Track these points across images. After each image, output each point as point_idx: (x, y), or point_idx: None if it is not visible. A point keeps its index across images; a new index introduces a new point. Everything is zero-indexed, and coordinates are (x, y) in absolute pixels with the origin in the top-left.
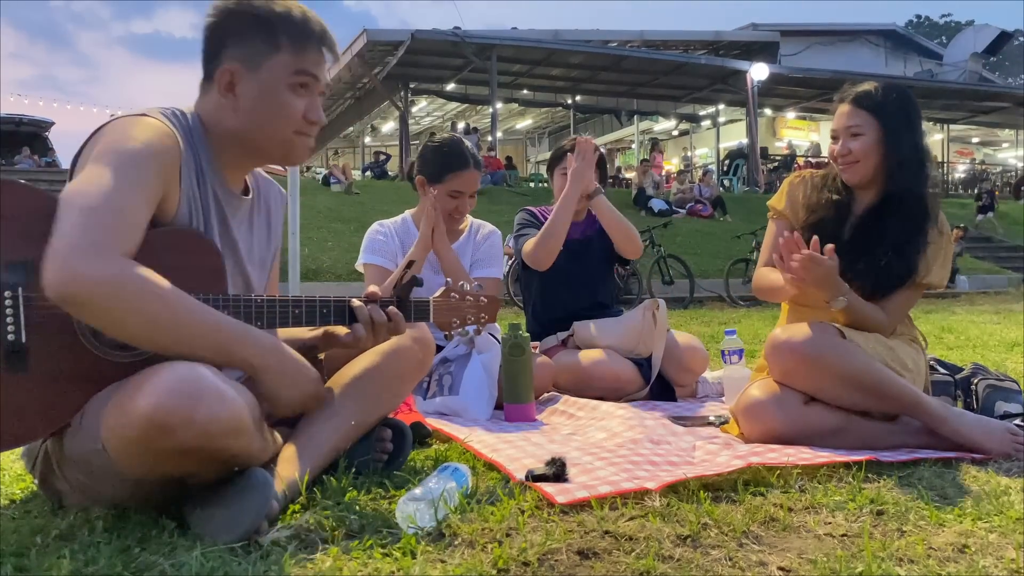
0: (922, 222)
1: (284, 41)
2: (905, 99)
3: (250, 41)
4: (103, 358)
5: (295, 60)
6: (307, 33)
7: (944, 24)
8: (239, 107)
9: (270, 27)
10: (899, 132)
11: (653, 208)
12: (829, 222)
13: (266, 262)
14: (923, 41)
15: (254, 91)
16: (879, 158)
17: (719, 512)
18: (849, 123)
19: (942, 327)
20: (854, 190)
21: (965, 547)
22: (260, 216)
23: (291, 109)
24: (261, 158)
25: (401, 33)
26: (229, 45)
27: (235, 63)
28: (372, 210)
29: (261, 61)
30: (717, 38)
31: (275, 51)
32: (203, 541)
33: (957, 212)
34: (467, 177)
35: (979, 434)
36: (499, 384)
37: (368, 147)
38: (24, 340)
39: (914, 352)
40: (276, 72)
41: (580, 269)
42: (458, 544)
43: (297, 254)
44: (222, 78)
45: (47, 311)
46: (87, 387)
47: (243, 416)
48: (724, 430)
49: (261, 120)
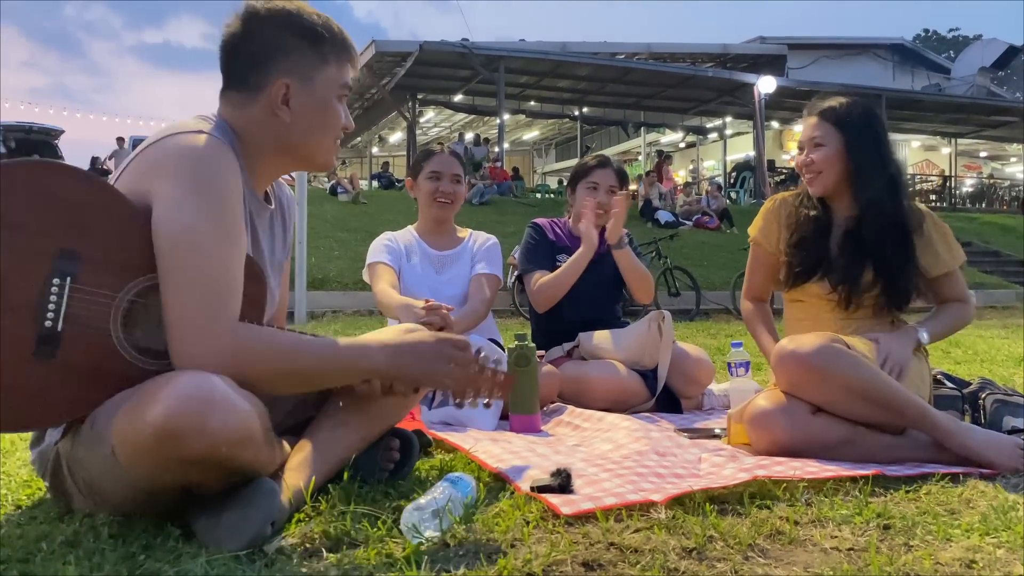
0: (904, 234)
1: (330, 54)
2: (868, 112)
3: (302, 54)
4: (131, 362)
5: (340, 73)
6: (346, 46)
7: (952, 38)
8: (293, 120)
9: (319, 40)
10: (860, 143)
11: (659, 220)
12: (811, 238)
13: (283, 263)
14: (931, 55)
15: (309, 104)
16: (842, 168)
17: (725, 525)
18: (813, 134)
19: (949, 341)
20: (829, 203)
21: (972, 562)
22: (278, 221)
23: (339, 119)
24: (300, 165)
25: (409, 44)
26: (279, 57)
27: (288, 76)
28: (379, 220)
29: (313, 75)
30: (725, 51)
31: (325, 64)
32: (208, 548)
33: (965, 226)
34: (439, 159)
35: (987, 449)
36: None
37: (376, 157)
38: (60, 328)
39: (916, 361)
40: (328, 85)
41: (587, 285)
42: (462, 554)
43: (304, 263)
44: (277, 91)
45: (88, 305)
46: (109, 386)
47: (253, 426)
48: (726, 440)
49: (315, 131)
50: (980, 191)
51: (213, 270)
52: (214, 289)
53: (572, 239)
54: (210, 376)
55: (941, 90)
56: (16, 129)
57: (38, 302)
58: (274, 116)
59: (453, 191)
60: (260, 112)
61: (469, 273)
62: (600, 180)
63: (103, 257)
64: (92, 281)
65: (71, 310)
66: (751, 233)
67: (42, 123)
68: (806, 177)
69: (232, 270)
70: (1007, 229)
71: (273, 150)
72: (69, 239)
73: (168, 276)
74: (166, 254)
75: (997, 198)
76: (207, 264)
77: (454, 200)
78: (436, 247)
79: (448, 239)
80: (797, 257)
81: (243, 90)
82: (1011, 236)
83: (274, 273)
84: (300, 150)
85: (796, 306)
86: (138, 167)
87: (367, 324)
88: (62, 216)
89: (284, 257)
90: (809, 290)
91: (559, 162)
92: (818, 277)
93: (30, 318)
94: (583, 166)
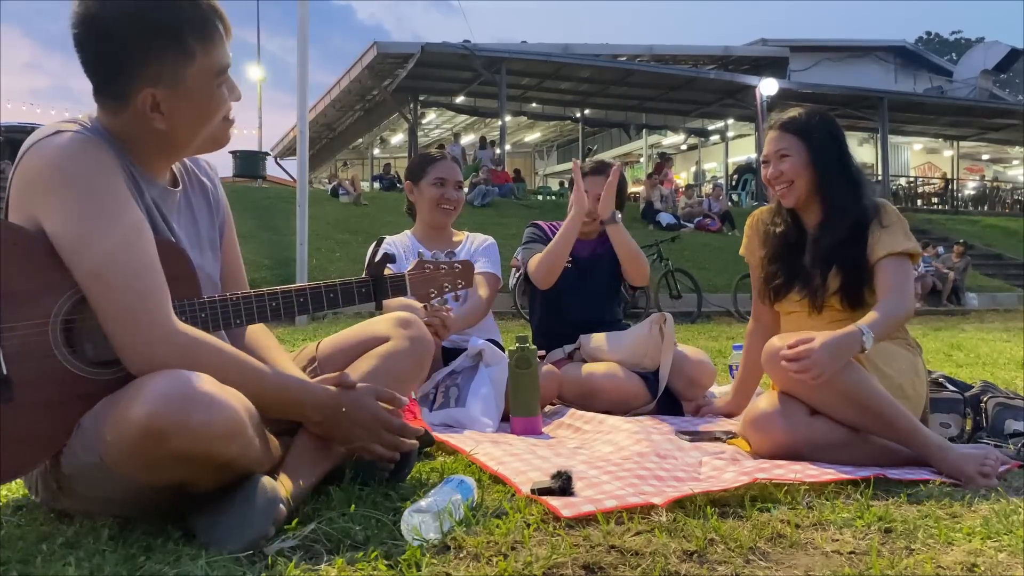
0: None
1: (194, 44)
2: (828, 122)
3: (161, 58)
4: (87, 377)
5: (211, 60)
6: (208, 23)
7: (954, 41)
8: (170, 123)
9: (176, 35)
10: (824, 151)
11: (661, 222)
12: (782, 254)
13: (215, 241)
14: (933, 58)
15: (183, 104)
16: (810, 177)
17: (726, 528)
18: (777, 147)
19: (951, 344)
20: (800, 215)
21: (974, 566)
22: (196, 197)
23: (221, 104)
24: (190, 152)
25: (411, 46)
26: (134, 66)
27: (152, 84)
28: (380, 221)
29: (180, 74)
30: (727, 53)
31: (190, 60)
32: (208, 550)
33: (967, 229)
34: (444, 166)
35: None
36: (506, 397)
37: (377, 159)
38: (5, 371)
39: (911, 355)
40: (201, 79)
41: (588, 286)
42: (463, 557)
43: (305, 264)
44: (144, 103)
45: (25, 340)
46: (76, 408)
47: (238, 420)
48: (731, 443)
49: (195, 124)
50: (982, 194)
51: (123, 266)
52: (134, 285)
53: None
54: (190, 374)
55: (943, 93)
56: (16, 130)
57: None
58: (149, 122)
59: (457, 198)
60: (133, 119)
61: None
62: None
63: (18, 290)
64: (17, 316)
65: (9, 350)
66: (742, 253)
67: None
68: (778, 190)
69: (145, 263)
70: (1009, 232)
71: (157, 147)
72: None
73: (88, 288)
74: (76, 269)
75: (999, 201)
76: (115, 264)
77: (457, 207)
78: (432, 249)
79: (445, 242)
80: (770, 273)
81: (108, 97)
82: (1013, 239)
83: (207, 250)
84: (185, 140)
85: (785, 319)
86: (17, 189)
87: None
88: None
89: (215, 229)
90: (790, 302)
91: (560, 164)
92: (796, 291)
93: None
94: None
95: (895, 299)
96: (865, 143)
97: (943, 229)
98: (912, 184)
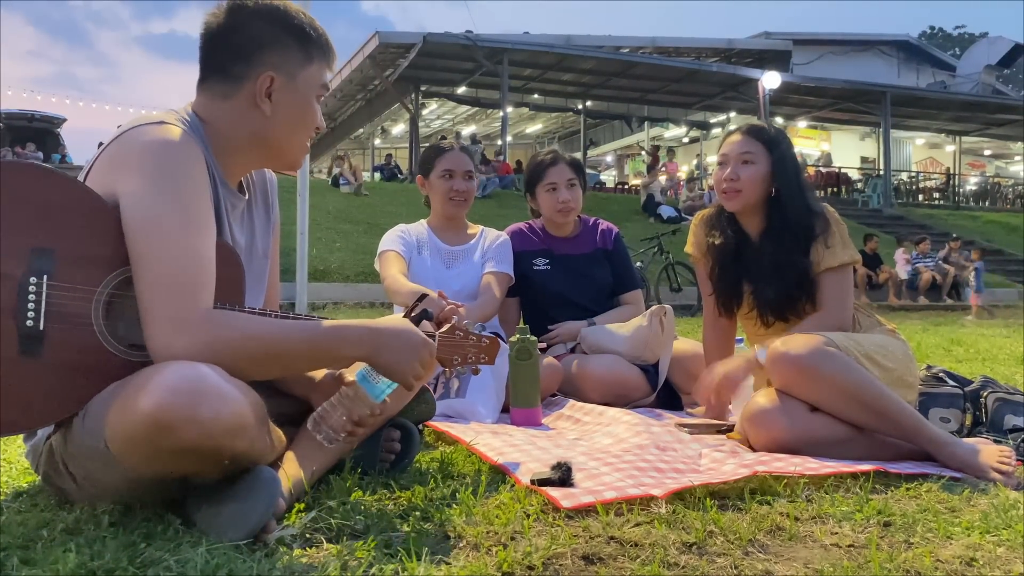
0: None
1: (315, 53)
2: (788, 138)
3: (289, 50)
4: (116, 355)
5: (321, 73)
6: (328, 48)
7: (958, 36)
8: (273, 113)
9: (306, 39)
10: (785, 166)
11: (662, 215)
12: (728, 257)
13: (268, 249)
14: (936, 52)
15: (290, 100)
16: (765, 190)
17: (725, 520)
18: (743, 149)
19: (951, 340)
20: (740, 220)
21: (973, 560)
22: (258, 210)
23: (315, 118)
24: (271, 163)
25: (413, 36)
26: (266, 50)
27: (274, 70)
28: (381, 212)
29: (297, 72)
30: (729, 46)
31: (309, 63)
32: (209, 538)
33: (968, 224)
34: (452, 157)
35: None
36: (506, 388)
37: (378, 149)
38: (42, 327)
39: (898, 341)
40: (309, 83)
41: (578, 290)
42: (463, 547)
43: (305, 255)
44: (262, 83)
45: (69, 301)
46: (97, 381)
47: (246, 415)
48: (730, 436)
49: (293, 127)
50: (984, 189)
51: (181, 259)
52: (183, 279)
53: (548, 239)
54: (199, 366)
55: (946, 88)
56: (18, 117)
57: (17, 302)
58: (254, 108)
59: (467, 188)
60: (240, 103)
61: (477, 269)
62: (557, 178)
63: (77, 253)
64: (69, 277)
65: (52, 308)
66: (687, 251)
67: (44, 111)
68: (724, 193)
69: (202, 257)
70: (1010, 228)
71: (247, 143)
72: (41, 237)
73: (138, 268)
74: (134, 246)
75: (1001, 196)
76: (174, 253)
77: (467, 198)
78: (447, 242)
79: (459, 235)
80: (719, 290)
81: (225, 81)
82: (1014, 235)
83: (258, 260)
84: (275, 145)
85: (744, 321)
86: (104, 163)
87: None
88: (32, 215)
89: (269, 238)
90: (743, 314)
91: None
92: (746, 304)
93: (11, 319)
94: (537, 168)
95: (828, 314)
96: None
97: (944, 224)
98: (914, 179)
